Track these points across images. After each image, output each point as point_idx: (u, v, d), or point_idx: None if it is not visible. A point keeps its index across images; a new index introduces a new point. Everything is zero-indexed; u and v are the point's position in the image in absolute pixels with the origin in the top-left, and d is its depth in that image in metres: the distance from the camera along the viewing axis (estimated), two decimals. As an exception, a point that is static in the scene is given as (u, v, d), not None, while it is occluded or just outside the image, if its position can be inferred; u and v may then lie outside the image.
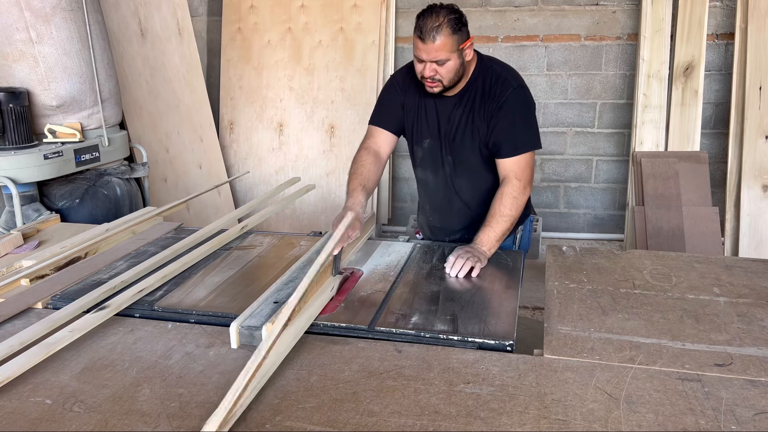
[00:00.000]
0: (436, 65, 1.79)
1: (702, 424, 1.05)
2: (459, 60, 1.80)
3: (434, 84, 1.84)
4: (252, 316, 1.37)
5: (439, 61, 1.78)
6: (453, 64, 1.80)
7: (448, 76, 1.82)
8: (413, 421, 1.06)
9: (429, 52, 1.76)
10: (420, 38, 1.76)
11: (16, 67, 2.67)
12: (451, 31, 1.74)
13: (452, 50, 1.77)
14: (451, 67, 1.80)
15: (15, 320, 1.48)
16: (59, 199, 2.73)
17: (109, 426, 1.06)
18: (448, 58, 1.78)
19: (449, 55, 1.77)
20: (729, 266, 1.77)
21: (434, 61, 1.78)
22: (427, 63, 1.79)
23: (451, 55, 1.77)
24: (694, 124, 3.71)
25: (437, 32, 1.73)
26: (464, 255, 1.72)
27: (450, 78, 1.83)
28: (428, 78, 1.82)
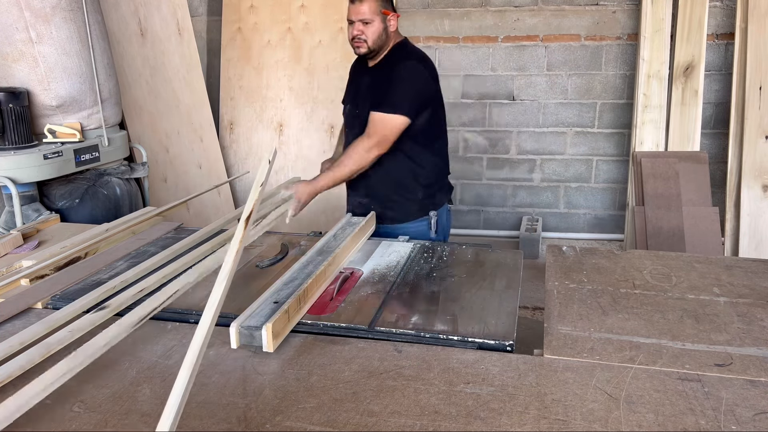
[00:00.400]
0: (362, 25, 2.14)
1: (702, 424, 1.05)
2: (382, 25, 2.16)
3: (360, 44, 2.19)
4: (252, 316, 1.37)
5: (364, 20, 2.13)
6: (376, 26, 2.15)
7: (372, 36, 2.16)
8: (413, 421, 1.06)
9: (357, 12, 2.14)
10: (351, 1, 2.16)
11: (16, 67, 2.67)
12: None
13: (376, 13, 2.14)
14: (374, 29, 2.15)
15: (15, 320, 1.48)
16: (59, 199, 2.73)
17: (109, 426, 1.06)
18: (372, 20, 2.14)
19: (373, 16, 2.14)
20: (729, 266, 1.77)
21: (361, 20, 2.14)
22: (355, 23, 2.15)
23: (375, 17, 2.14)
24: (694, 124, 3.71)
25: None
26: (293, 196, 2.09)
27: (373, 39, 2.17)
28: (356, 38, 2.17)
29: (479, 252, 1.92)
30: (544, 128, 4.14)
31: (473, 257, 1.87)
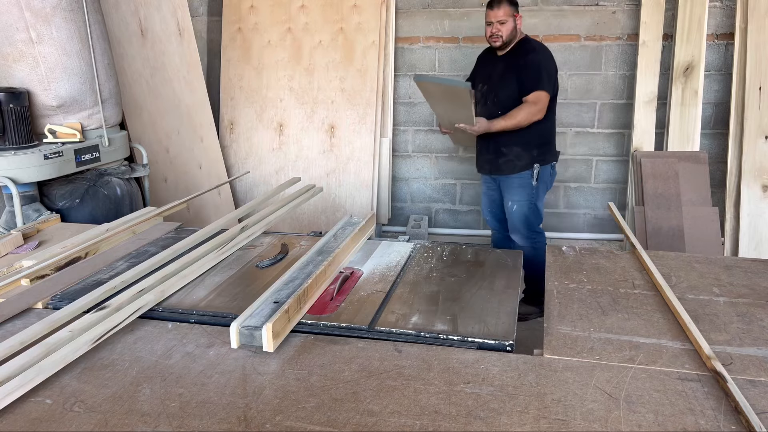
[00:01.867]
0: (499, 25, 2.95)
1: (702, 424, 1.05)
2: (513, 24, 2.98)
3: (496, 39, 3.00)
4: (252, 316, 1.38)
5: (501, 21, 2.95)
6: (509, 25, 2.97)
7: (506, 33, 2.97)
8: (413, 421, 1.06)
9: (496, 15, 2.95)
10: (489, 8, 2.98)
11: (16, 67, 2.67)
12: (509, 2, 2.96)
13: (509, 15, 2.96)
14: (508, 27, 2.97)
15: (15, 320, 1.48)
16: (59, 199, 2.73)
17: (109, 426, 1.06)
18: (507, 20, 2.96)
19: (507, 18, 2.96)
20: (729, 266, 1.77)
21: (498, 21, 2.95)
22: (494, 23, 2.97)
23: (508, 18, 2.96)
24: (694, 124, 3.71)
25: (501, 2, 2.94)
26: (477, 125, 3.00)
27: (507, 34, 2.98)
28: (493, 35, 2.99)
29: (479, 252, 1.92)
30: (544, 128, 4.13)
31: (473, 257, 1.87)
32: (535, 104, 2.94)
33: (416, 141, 4.33)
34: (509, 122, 2.95)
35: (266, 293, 1.50)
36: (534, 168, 3.06)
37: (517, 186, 3.10)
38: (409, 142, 4.35)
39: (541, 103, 2.95)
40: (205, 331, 1.41)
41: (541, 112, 2.96)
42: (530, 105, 2.94)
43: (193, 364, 1.26)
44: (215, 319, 1.46)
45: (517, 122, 2.95)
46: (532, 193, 3.09)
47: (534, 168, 3.06)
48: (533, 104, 2.94)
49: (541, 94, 2.95)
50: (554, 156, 3.17)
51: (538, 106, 2.95)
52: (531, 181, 3.06)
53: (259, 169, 4.29)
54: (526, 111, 2.94)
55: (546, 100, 2.96)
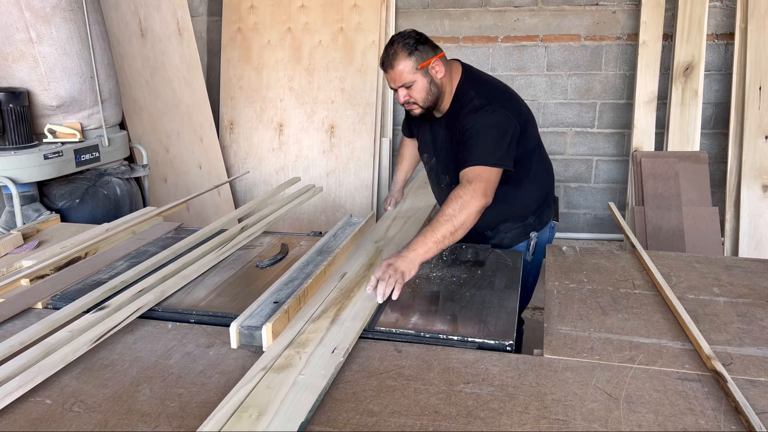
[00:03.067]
0: (405, 89, 1.87)
1: (702, 424, 1.05)
2: (426, 79, 1.86)
3: (411, 107, 1.93)
4: (252, 316, 1.38)
5: (406, 84, 1.86)
6: (420, 84, 1.86)
7: (420, 96, 1.88)
8: (413, 421, 1.06)
9: (394, 79, 1.86)
10: (384, 70, 1.88)
11: (16, 67, 2.67)
12: (406, 53, 1.82)
13: (413, 71, 1.84)
14: (419, 87, 1.86)
15: (15, 320, 1.48)
16: (59, 199, 2.73)
17: (109, 426, 1.06)
18: (414, 80, 1.85)
19: (413, 76, 1.84)
20: (729, 266, 1.77)
21: (402, 86, 1.87)
22: (398, 90, 1.89)
23: (414, 75, 1.84)
24: (694, 124, 3.71)
25: (394, 58, 1.83)
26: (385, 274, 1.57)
27: (423, 98, 1.89)
28: (404, 103, 1.92)
29: (479, 252, 1.92)
30: (543, 128, 4.14)
31: (473, 257, 1.87)
32: (470, 184, 1.74)
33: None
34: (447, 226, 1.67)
35: (266, 293, 1.50)
36: (531, 238, 2.08)
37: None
38: (409, 142, 4.34)
39: (479, 182, 1.73)
40: (205, 331, 1.41)
41: (486, 194, 1.74)
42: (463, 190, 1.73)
43: (193, 364, 1.25)
44: (215, 319, 1.46)
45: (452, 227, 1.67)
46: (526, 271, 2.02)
47: (531, 238, 2.08)
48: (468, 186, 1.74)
49: (478, 170, 1.76)
50: (552, 211, 2.21)
51: (476, 186, 1.73)
52: (525, 256, 2.04)
53: (259, 169, 4.29)
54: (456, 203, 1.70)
55: (491, 177, 1.77)
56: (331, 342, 1.29)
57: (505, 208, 2.01)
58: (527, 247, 2.08)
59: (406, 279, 1.58)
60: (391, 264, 1.59)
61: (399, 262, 1.59)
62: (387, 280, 1.54)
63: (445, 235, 1.66)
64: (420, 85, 1.86)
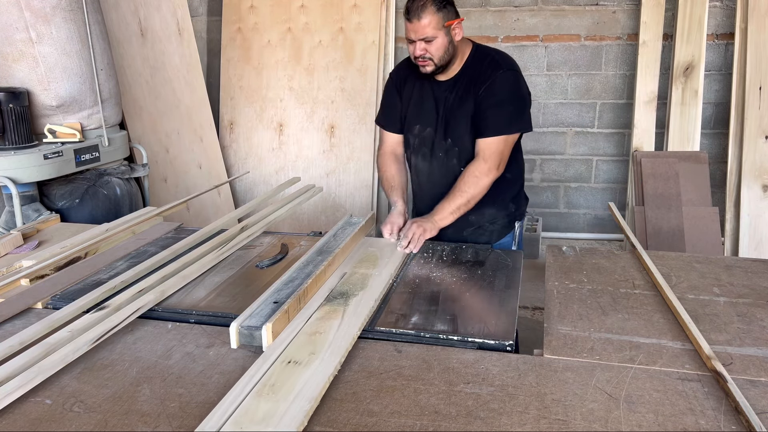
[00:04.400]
0: (425, 43, 1.86)
1: (702, 424, 1.05)
2: (447, 38, 1.87)
3: (426, 63, 1.90)
4: (252, 316, 1.37)
5: (427, 38, 1.84)
6: (441, 41, 1.86)
7: (437, 53, 1.88)
8: (413, 421, 1.06)
9: (417, 31, 1.84)
10: (407, 19, 1.86)
11: (16, 67, 2.67)
12: (435, 8, 1.82)
13: (438, 27, 1.84)
14: (439, 44, 1.86)
15: (15, 320, 1.48)
16: (59, 199, 2.73)
17: (109, 426, 1.06)
18: (435, 36, 1.84)
19: (436, 32, 1.84)
20: (729, 266, 1.77)
21: (423, 39, 1.85)
22: (416, 42, 1.87)
23: (438, 32, 1.84)
24: (694, 124, 3.71)
25: (422, 10, 1.82)
26: (410, 231, 1.87)
27: (440, 56, 1.88)
28: (419, 57, 1.89)
29: (479, 252, 1.92)
30: (544, 128, 4.14)
31: (473, 257, 1.87)
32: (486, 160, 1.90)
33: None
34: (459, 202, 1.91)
35: (266, 293, 1.50)
36: (515, 228, 2.13)
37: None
38: (409, 142, 4.34)
39: (498, 155, 1.90)
40: (204, 331, 1.40)
41: (498, 169, 1.91)
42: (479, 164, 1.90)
43: (193, 365, 1.25)
44: (215, 319, 1.46)
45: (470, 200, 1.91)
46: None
47: (515, 228, 2.13)
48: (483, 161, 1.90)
49: (501, 141, 1.90)
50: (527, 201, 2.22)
51: (494, 161, 1.90)
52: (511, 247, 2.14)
53: (259, 169, 4.29)
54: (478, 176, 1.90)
55: (507, 149, 1.92)
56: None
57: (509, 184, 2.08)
58: (513, 237, 2.15)
59: (426, 236, 1.89)
60: (416, 222, 1.90)
61: (423, 222, 1.90)
62: (411, 236, 1.86)
63: (460, 206, 1.93)
64: (440, 42, 1.86)
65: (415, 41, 1.88)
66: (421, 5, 1.83)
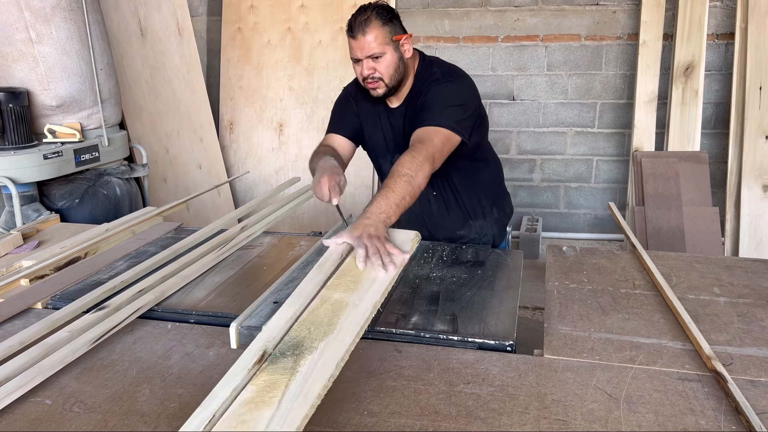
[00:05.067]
0: (373, 61, 1.74)
1: (702, 424, 1.05)
2: (396, 54, 1.76)
3: (376, 84, 1.78)
4: (252, 316, 1.37)
5: (374, 56, 1.73)
6: (390, 58, 1.75)
7: (387, 72, 1.76)
8: (413, 422, 1.06)
9: (363, 48, 1.73)
10: (351, 36, 1.75)
11: (16, 67, 2.67)
12: (380, 22, 1.72)
13: (386, 42, 1.73)
14: (388, 61, 1.75)
15: (15, 320, 1.48)
16: (59, 199, 2.73)
17: (109, 426, 1.06)
18: (383, 51, 1.73)
19: (383, 48, 1.73)
20: (729, 266, 1.77)
21: (370, 57, 1.74)
22: (363, 61, 1.75)
23: (386, 48, 1.73)
24: (694, 124, 3.71)
25: (366, 25, 1.72)
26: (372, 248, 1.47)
27: (390, 74, 1.76)
28: (368, 78, 1.77)
29: (479, 252, 1.91)
30: (544, 128, 4.14)
31: (473, 257, 1.87)
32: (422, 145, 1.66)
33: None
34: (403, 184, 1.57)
35: (266, 293, 1.50)
36: (508, 235, 2.06)
37: None
38: (409, 142, 4.34)
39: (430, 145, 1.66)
40: (204, 331, 1.40)
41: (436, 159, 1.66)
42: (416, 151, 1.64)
43: (192, 365, 1.25)
44: (215, 319, 1.46)
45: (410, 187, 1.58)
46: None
47: (508, 235, 2.06)
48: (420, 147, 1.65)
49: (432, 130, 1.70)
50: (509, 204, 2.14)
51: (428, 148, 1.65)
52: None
53: (259, 168, 4.29)
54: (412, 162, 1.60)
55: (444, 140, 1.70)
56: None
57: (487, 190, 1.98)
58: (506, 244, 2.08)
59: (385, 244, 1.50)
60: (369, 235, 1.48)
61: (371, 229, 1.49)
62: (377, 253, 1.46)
63: (405, 196, 1.57)
64: (389, 59, 1.74)
65: (361, 59, 1.75)
66: (364, 20, 1.73)
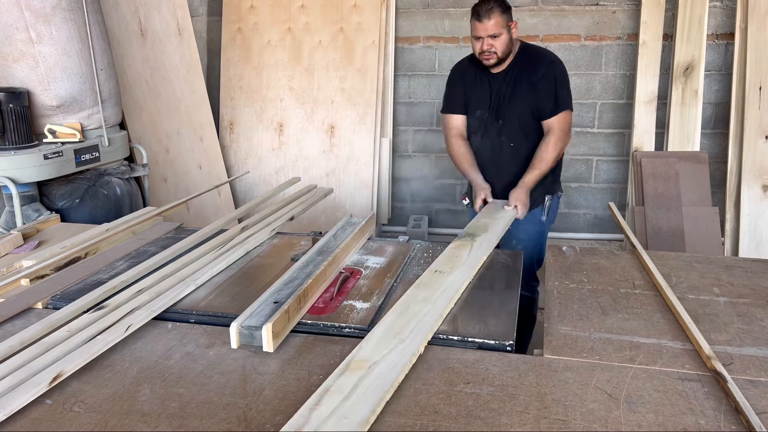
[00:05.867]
0: (491, 39, 2.31)
1: (702, 424, 1.05)
2: (508, 35, 2.34)
3: (490, 56, 2.35)
4: (252, 316, 1.37)
5: (494, 35, 2.30)
6: (504, 38, 2.33)
7: (501, 47, 2.33)
8: (413, 421, 1.06)
9: (486, 29, 2.29)
10: (477, 20, 2.29)
11: (16, 67, 2.67)
12: (500, 11, 2.29)
13: (503, 26, 2.30)
14: (503, 40, 2.33)
15: (15, 320, 1.48)
16: (59, 199, 2.73)
17: (109, 426, 1.06)
18: (501, 33, 2.31)
19: (501, 30, 2.30)
20: (729, 266, 1.77)
21: (490, 36, 2.30)
22: (484, 39, 2.31)
23: (502, 30, 2.31)
24: (694, 124, 3.71)
25: (491, 12, 2.27)
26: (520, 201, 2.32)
27: (502, 50, 2.34)
28: (485, 51, 2.34)
29: (479, 252, 1.91)
30: (544, 128, 4.14)
31: (473, 257, 1.87)
32: (561, 130, 2.40)
33: (416, 141, 4.33)
34: (543, 168, 2.40)
35: (266, 293, 1.50)
36: (546, 201, 2.53)
37: (524, 224, 2.40)
38: (409, 142, 4.34)
39: (567, 126, 2.43)
40: (205, 331, 1.41)
41: (568, 137, 2.46)
42: (556, 134, 2.40)
43: (193, 364, 1.25)
44: (215, 319, 1.46)
45: (550, 164, 2.42)
46: (541, 231, 2.58)
47: (546, 201, 2.53)
48: (559, 131, 2.40)
49: (567, 115, 2.42)
50: (560, 184, 2.68)
51: (565, 131, 2.43)
52: (540, 217, 2.53)
53: (259, 169, 4.29)
54: (554, 145, 2.39)
55: (571, 120, 2.45)
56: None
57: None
58: (542, 209, 2.53)
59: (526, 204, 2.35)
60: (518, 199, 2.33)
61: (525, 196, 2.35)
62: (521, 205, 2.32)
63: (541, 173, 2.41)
64: (504, 39, 2.32)
65: (482, 38, 2.31)
66: (489, 8, 2.26)
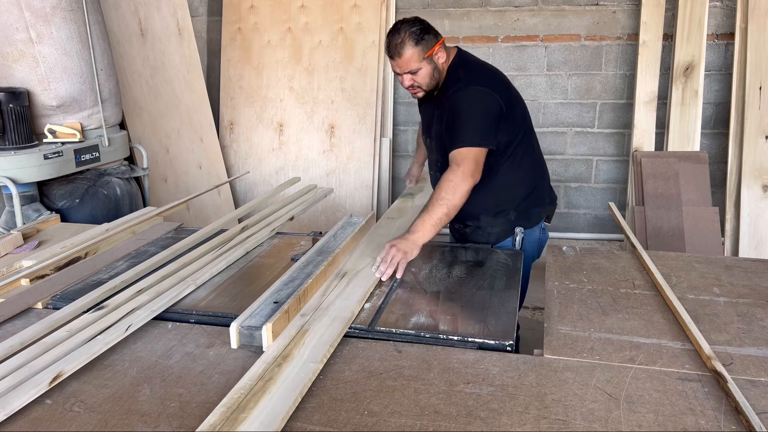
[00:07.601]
0: (411, 75, 1.97)
1: (702, 424, 1.05)
2: (431, 66, 1.98)
3: (416, 90, 2.03)
4: (252, 316, 1.37)
5: (412, 71, 1.96)
6: (425, 71, 1.97)
7: (424, 81, 1.99)
8: (413, 421, 1.06)
9: (401, 66, 1.96)
10: (389, 56, 1.98)
11: (16, 67, 2.67)
12: (413, 43, 1.92)
13: (419, 59, 1.94)
14: (424, 74, 1.97)
15: (15, 320, 1.48)
16: (59, 199, 2.73)
17: (109, 426, 1.06)
18: (419, 67, 1.95)
19: (418, 64, 1.95)
20: (729, 266, 1.77)
21: (408, 72, 1.97)
22: (402, 75, 1.99)
23: (421, 63, 1.95)
24: (694, 124, 3.71)
25: (402, 47, 1.92)
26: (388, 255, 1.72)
27: (427, 83, 2.00)
28: (409, 87, 2.02)
29: (479, 252, 1.92)
30: (544, 128, 4.14)
31: (473, 257, 1.87)
32: (459, 167, 1.88)
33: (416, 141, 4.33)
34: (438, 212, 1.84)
35: (266, 293, 1.50)
36: (516, 234, 2.10)
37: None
38: (409, 142, 4.34)
39: (469, 166, 1.87)
40: (205, 331, 1.41)
41: (474, 174, 1.88)
42: (453, 170, 1.88)
43: (193, 364, 1.25)
44: (215, 319, 1.46)
45: (446, 208, 1.85)
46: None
47: (516, 234, 2.10)
48: (456, 167, 1.88)
49: (467, 152, 1.89)
50: (543, 212, 2.21)
51: (466, 171, 1.87)
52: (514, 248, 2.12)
53: (259, 169, 4.29)
54: (448, 182, 1.86)
55: (477, 159, 1.90)
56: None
57: (484, 199, 2.05)
58: (513, 243, 2.11)
59: (408, 259, 1.74)
60: (394, 245, 1.74)
61: (401, 244, 1.75)
62: (390, 261, 1.70)
63: (441, 217, 1.84)
64: (425, 72, 1.97)
65: (401, 74, 1.99)
66: (399, 42, 1.92)
